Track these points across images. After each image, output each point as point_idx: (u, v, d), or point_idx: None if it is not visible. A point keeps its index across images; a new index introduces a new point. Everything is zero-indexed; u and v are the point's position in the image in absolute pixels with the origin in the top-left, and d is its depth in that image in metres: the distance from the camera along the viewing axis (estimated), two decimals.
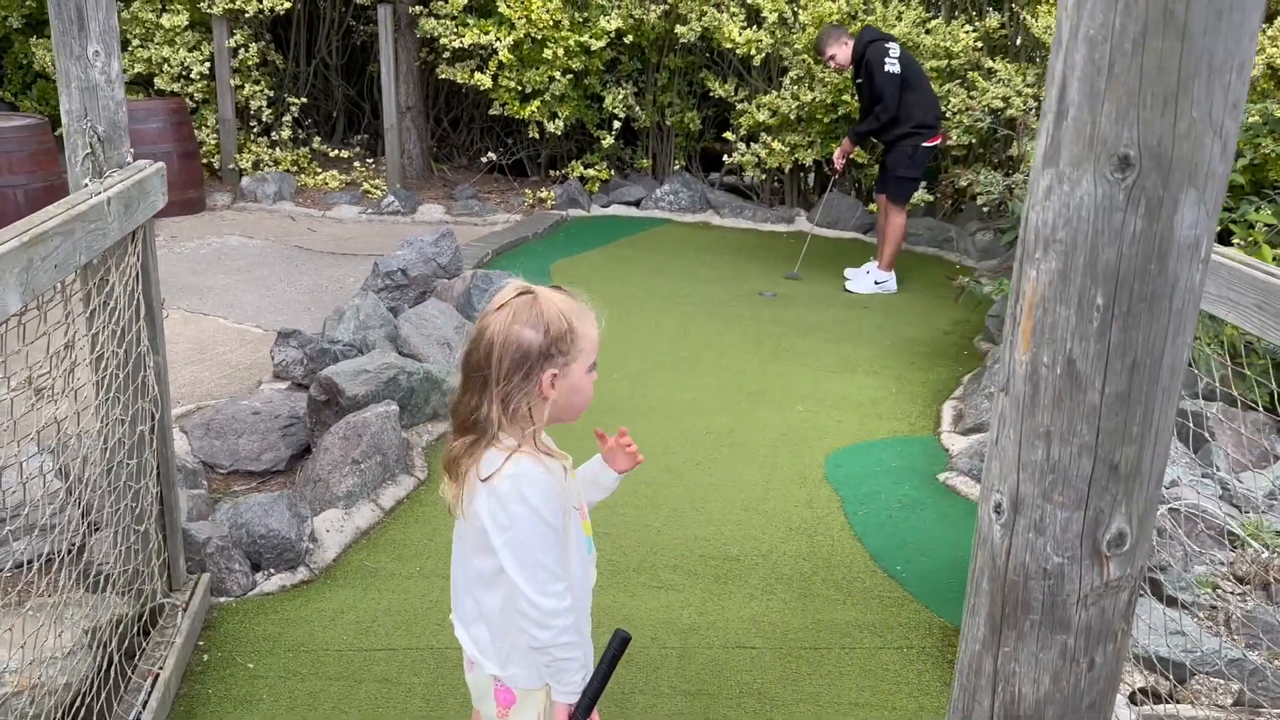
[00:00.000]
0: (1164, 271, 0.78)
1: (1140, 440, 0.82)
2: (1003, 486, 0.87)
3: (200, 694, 2.61)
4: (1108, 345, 0.80)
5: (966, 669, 0.94)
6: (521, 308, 1.63)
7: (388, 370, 4.06)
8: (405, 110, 8.76)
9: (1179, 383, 0.83)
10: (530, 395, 1.63)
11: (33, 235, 1.72)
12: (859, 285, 6.50)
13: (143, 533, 2.59)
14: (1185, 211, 0.77)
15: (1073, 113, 0.77)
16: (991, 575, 0.89)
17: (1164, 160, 0.75)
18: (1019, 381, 0.85)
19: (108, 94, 2.37)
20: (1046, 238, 0.81)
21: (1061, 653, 0.88)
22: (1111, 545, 0.84)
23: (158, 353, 2.60)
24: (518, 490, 1.60)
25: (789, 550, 3.45)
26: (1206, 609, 3.32)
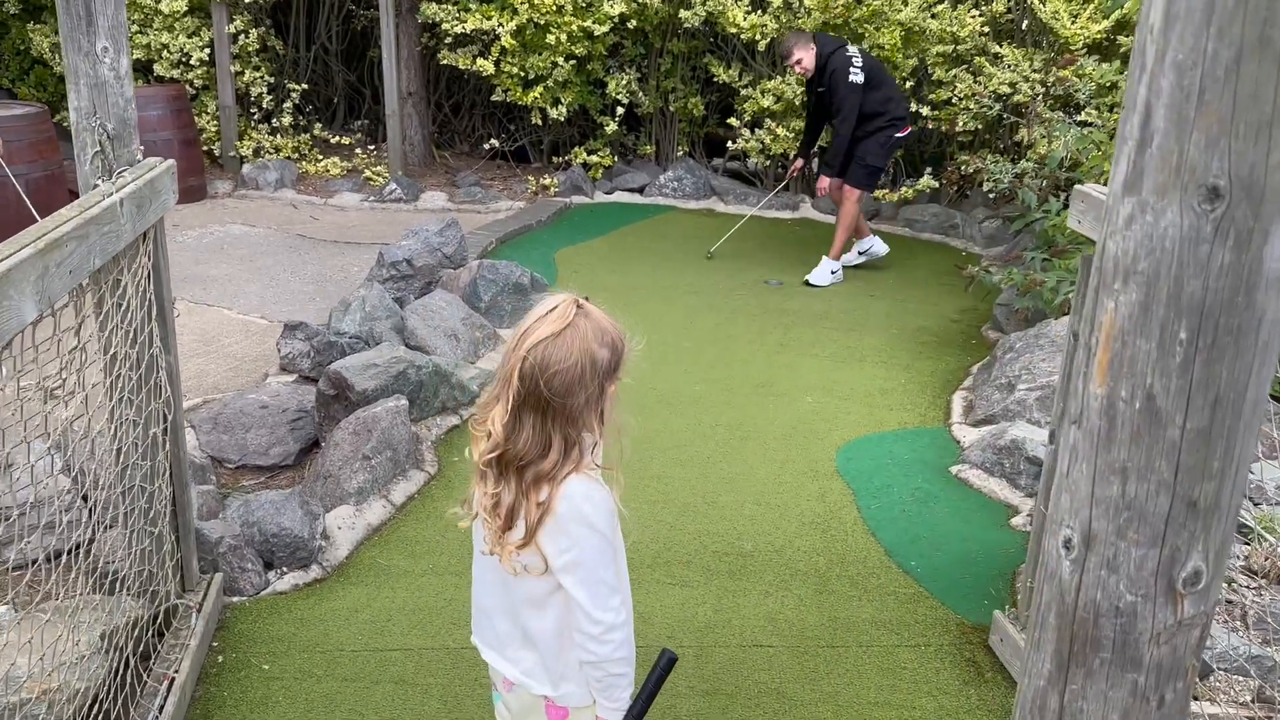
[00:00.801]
0: (1251, 305, 0.75)
1: (1220, 476, 0.79)
2: (1074, 522, 0.84)
3: (216, 696, 2.60)
4: (1190, 380, 0.77)
5: (1030, 705, 0.92)
6: (587, 323, 1.55)
7: (397, 364, 4.02)
8: (407, 96, 8.69)
9: (1260, 417, 0.80)
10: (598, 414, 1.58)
11: (47, 242, 1.69)
12: (819, 278, 6.42)
13: (156, 534, 2.56)
14: (1275, 243, 0.74)
15: (1158, 140, 0.74)
16: (1059, 611, 0.87)
17: (1255, 191, 0.72)
18: (1094, 415, 0.82)
19: (117, 91, 2.33)
20: (1127, 268, 0.78)
21: (1132, 691, 0.85)
22: (1187, 584, 0.82)
23: (169, 353, 2.57)
24: (576, 510, 1.55)
25: (803, 545, 3.43)
26: (1222, 603, 3.31)
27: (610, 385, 1.59)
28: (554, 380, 1.51)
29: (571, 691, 1.70)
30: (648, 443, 4.11)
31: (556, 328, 1.52)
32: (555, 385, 1.51)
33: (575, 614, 1.59)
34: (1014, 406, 4.31)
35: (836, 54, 6.09)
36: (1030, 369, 4.48)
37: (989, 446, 4.03)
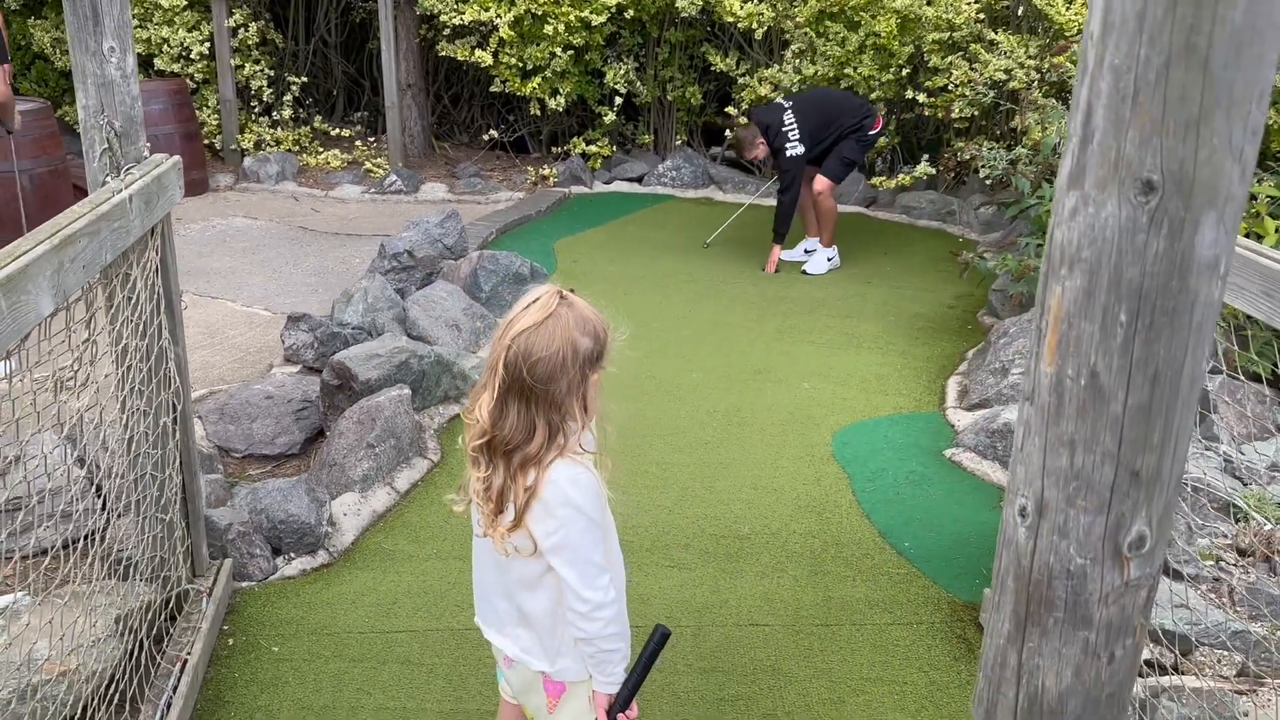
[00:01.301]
0: (1185, 288, 0.82)
1: (1160, 448, 0.86)
2: (1028, 491, 0.91)
3: (227, 677, 2.68)
4: (1130, 359, 0.83)
5: (992, 662, 0.99)
6: (566, 319, 1.60)
7: (399, 354, 4.09)
8: (406, 88, 8.73)
9: (1198, 393, 0.87)
10: (580, 400, 1.64)
11: (62, 238, 1.75)
12: (815, 267, 6.50)
13: (167, 521, 2.64)
14: (1205, 232, 0.80)
15: (1098, 138, 0.81)
16: (1016, 575, 0.94)
17: (1186, 184, 0.79)
18: (1044, 392, 0.88)
19: (123, 89, 2.39)
20: (1072, 256, 0.84)
21: (1083, 648, 0.92)
22: (1132, 547, 0.88)
23: (178, 344, 2.64)
24: (562, 494, 1.62)
25: (799, 528, 3.50)
26: (1209, 582, 3.38)
27: (593, 373, 1.65)
28: (536, 368, 1.57)
29: (568, 667, 1.77)
30: (647, 429, 4.18)
31: (539, 317, 1.58)
32: (538, 372, 1.57)
33: (565, 593, 1.66)
34: (1007, 391, 4.38)
35: (772, 128, 6.26)
36: (1024, 354, 4.54)
37: (982, 430, 4.10)
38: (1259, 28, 0.75)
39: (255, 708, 2.56)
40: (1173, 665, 2.95)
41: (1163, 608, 3.02)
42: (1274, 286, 1.82)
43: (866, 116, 6.37)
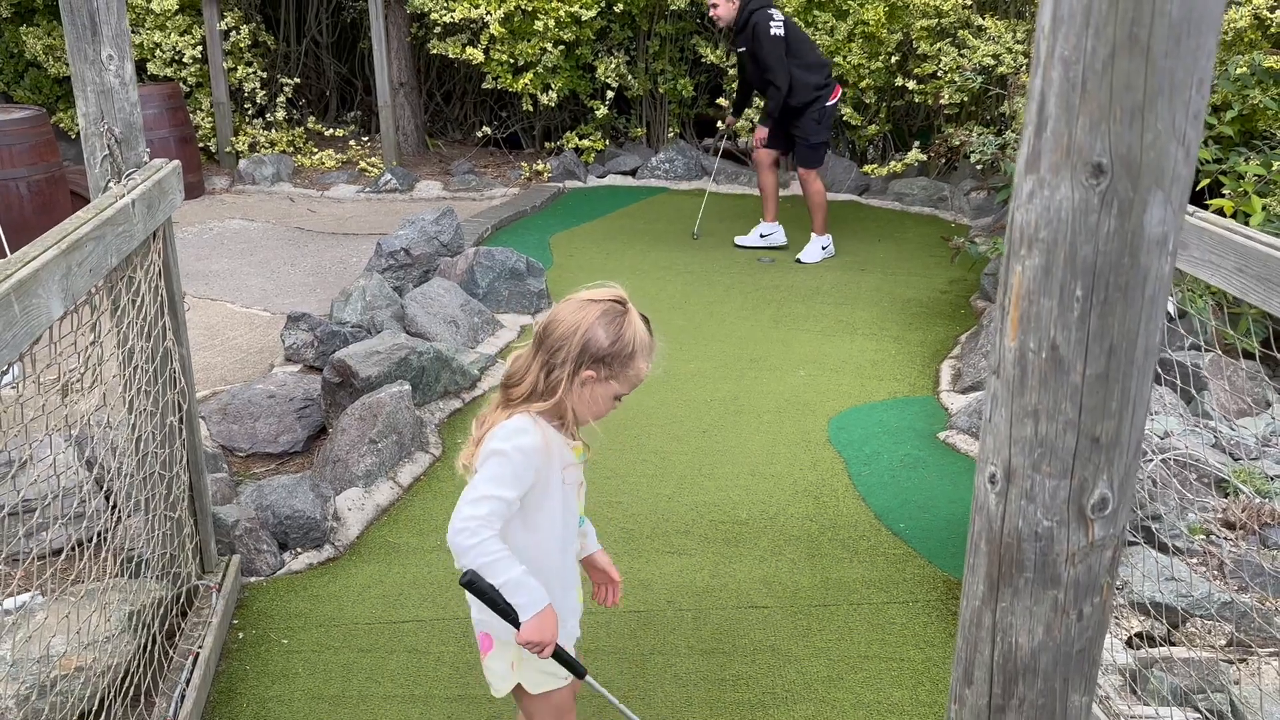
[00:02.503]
0: (1136, 264, 0.87)
1: (1119, 415, 0.91)
2: (997, 460, 0.97)
3: (239, 670, 2.73)
4: (1087, 332, 0.89)
5: (969, 622, 1.04)
6: (609, 308, 1.82)
7: (399, 351, 4.15)
8: (398, 87, 8.77)
9: (1153, 362, 0.92)
10: (568, 379, 1.80)
11: (69, 243, 1.81)
12: (809, 256, 6.52)
13: (176, 519, 2.70)
14: (1153, 211, 0.86)
15: (1051, 125, 0.86)
16: (989, 538, 0.99)
17: (1133, 167, 0.84)
18: (1009, 365, 0.94)
19: (123, 97, 2.44)
20: (1031, 236, 0.90)
21: (1053, 606, 0.98)
22: (1095, 509, 0.94)
23: (181, 345, 2.69)
24: (507, 437, 1.79)
25: (796, 512, 3.56)
26: (1200, 555, 3.44)
27: (587, 371, 1.80)
28: (554, 329, 1.82)
29: (489, 620, 1.83)
30: (645, 419, 4.24)
31: (584, 296, 1.85)
32: (552, 331, 1.83)
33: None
34: None
35: (759, 12, 6.12)
36: None
37: (976, 413, 4.15)
38: (1195, 20, 0.80)
39: (267, 698, 2.62)
40: (1164, 637, 3.01)
41: (1154, 581, 3.08)
42: (1246, 263, 1.88)
43: (825, 84, 6.28)
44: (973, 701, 1.05)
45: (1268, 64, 5.49)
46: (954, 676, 1.08)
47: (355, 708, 2.59)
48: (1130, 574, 3.18)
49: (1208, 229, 2.00)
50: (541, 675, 1.90)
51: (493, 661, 1.94)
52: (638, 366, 1.84)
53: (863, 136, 8.32)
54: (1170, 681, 2.69)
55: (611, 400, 1.87)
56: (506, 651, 1.90)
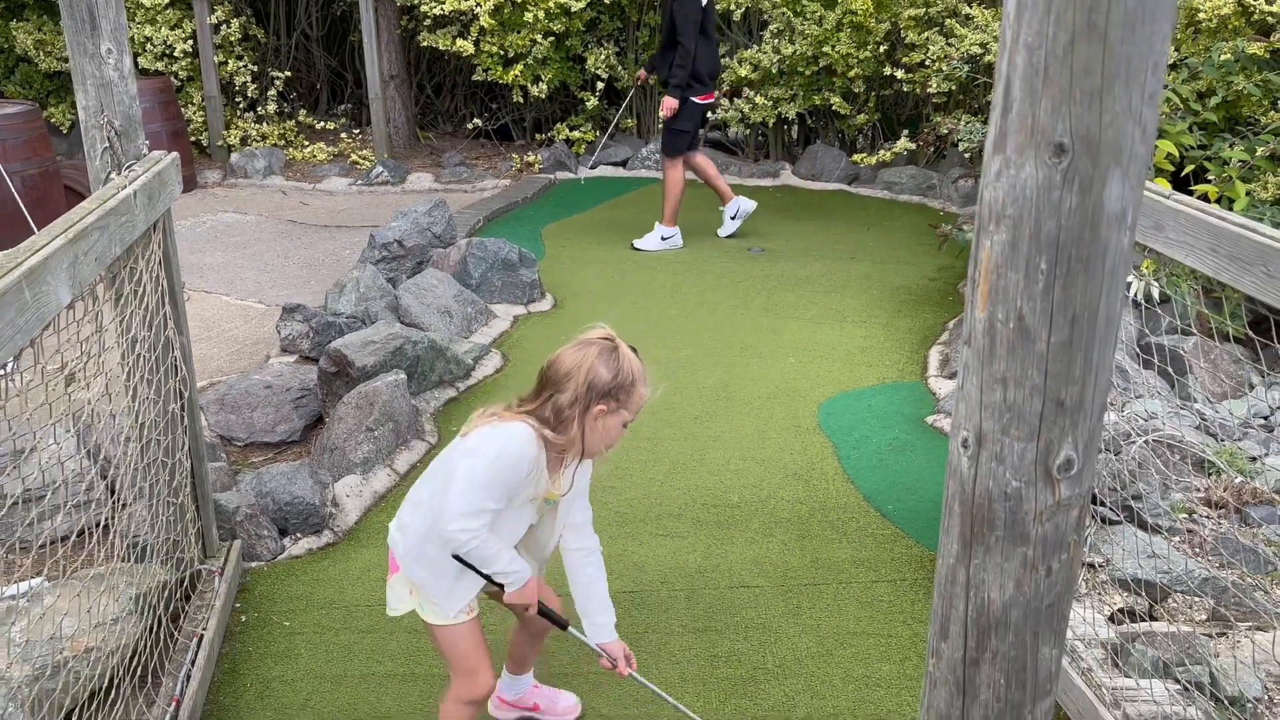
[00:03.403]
0: (1096, 238, 0.93)
1: (1082, 380, 0.97)
2: (968, 425, 1.02)
3: (242, 651, 2.79)
4: (1051, 303, 0.95)
5: (944, 580, 1.11)
6: (603, 346, 2.02)
7: (394, 340, 4.20)
8: (389, 79, 8.80)
9: (1114, 331, 0.98)
10: (580, 416, 2.00)
11: (75, 232, 1.85)
12: (648, 244, 6.46)
13: (179, 504, 2.75)
14: (1112, 187, 0.91)
15: (1016, 107, 0.92)
16: (961, 500, 1.05)
17: (1093, 146, 0.90)
18: (979, 336, 1.00)
19: (122, 89, 2.49)
20: (998, 213, 0.95)
21: (1022, 562, 1.04)
22: (1061, 470, 1.00)
23: (182, 334, 2.74)
24: (503, 443, 1.99)
25: (786, 495, 3.63)
26: (1182, 533, 3.52)
27: (599, 406, 2.00)
28: (558, 368, 2.03)
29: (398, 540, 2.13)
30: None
31: (580, 340, 2.06)
32: (556, 372, 2.03)
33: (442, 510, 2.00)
34: None
35: None
36: None
37: None
38: (1149, 7, 0.86)
39: (270, 678, 2.68)
40: (1146, 612, 3.08)
41: (1137, 559, 3.16)
42: (1219, 243, 1.94)
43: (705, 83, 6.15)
44: (949, 655, 1.11)
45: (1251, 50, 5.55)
46: (931, 632, 1.14)
47: (357, 686, 2.65)
48: (1113, 551, 3.25)
49: (1183, 211, 2.06)
50: (434, 609, 2.12)
51: (395, 584, 2.17)
52: (639, 392, 2.06)
53: (852, 126, 8.38)
54: (1151, 654, 2.77)
55: (621, 428, 2.08)
56: (408, 580, 2.14)
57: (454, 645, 2.13)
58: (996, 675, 1.08)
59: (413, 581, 2.11)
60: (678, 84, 6.16)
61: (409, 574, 2.11)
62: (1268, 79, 5.43)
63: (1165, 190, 2.16)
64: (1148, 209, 2.17)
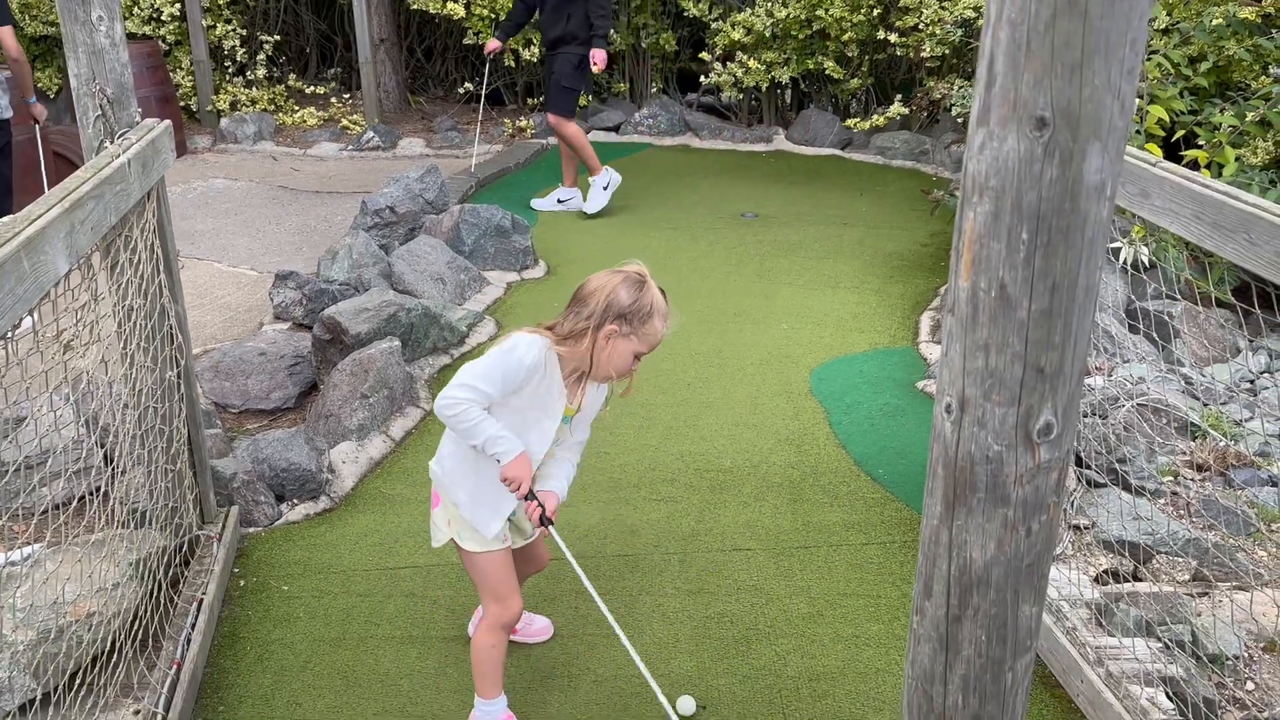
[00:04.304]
0: (1076, 209, 0.95)
1: (1062, 347, 1.00)
2: (952, 391, 1.06)
3: (241, 615, 2.83)
4: (1033, 271, 0.97)
5: (928, 540, 1.14)
6: (632, 277, 2.15)
7: (388, 307, 4.21)
8: (379, 43, 8.72)
9: (1094, 299, 1.01)
10: (592, 331, 2.13)
11: (71, 201, 1.87)
12: (594, 205, 6.40)
13: (177, 471, 2.78)
14: (1092, 160, 0.94)
15: (1000, 81, 0.94)
16: (945, 463, 1.09)
17: (1073, 120, 0.92)
18: (962, 304, 1.02)
19: (113, 57, 2.48)
20: (981, 185, 0.98)
21: (1003, 523, 1.07)
22: (1041, 434, 1.03)
23: (177, 302, 2.75)
24: (514, 343, 2.15)
25: (778, 460, 3.67)
26: (1167, 496, 3.58)
27: (611, 325, 2.12)
28: (585, 289, 2.18)
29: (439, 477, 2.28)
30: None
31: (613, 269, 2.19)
32: (582, 289, 2.19)
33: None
34: None
35: None
36: None
37: None
38: None
39: (270, 641, 2.73)
40: (1130, 573, 3.15)
41: (1122, 520, 3.21)
42: (1203, 210, 1.96)
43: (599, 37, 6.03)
44: (932, 613, 1.15)
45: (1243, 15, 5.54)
46: (915, 590, 1.18)
47: (355, 649, 2.70)
48: (1099, 514, 3.31)
49: (1168, 178, 2.09)
50: (471, 535, 2.27)
51: (437, 516, 2.33)
52: (654, 326, 2.16)
53: (845, 90, 8.34)
54: (1135, 614, 2.83)
55: (631, 357, 2.18)
56: (447, 510, 2.28)
57: (487, 573, 2.28)
58: (978, 632, 1.12)
59: (454, 505, 2.24)
60: (603, 34, 6.05)
61: (451, 498, 2.25)
62: (1259, 44, 5.43)
63: (1152, 157, 2.18)
64: (1134, 176, 2.19)
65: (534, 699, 2.53)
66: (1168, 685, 2.59)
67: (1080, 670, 2.57)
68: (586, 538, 3.18)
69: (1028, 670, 1.16)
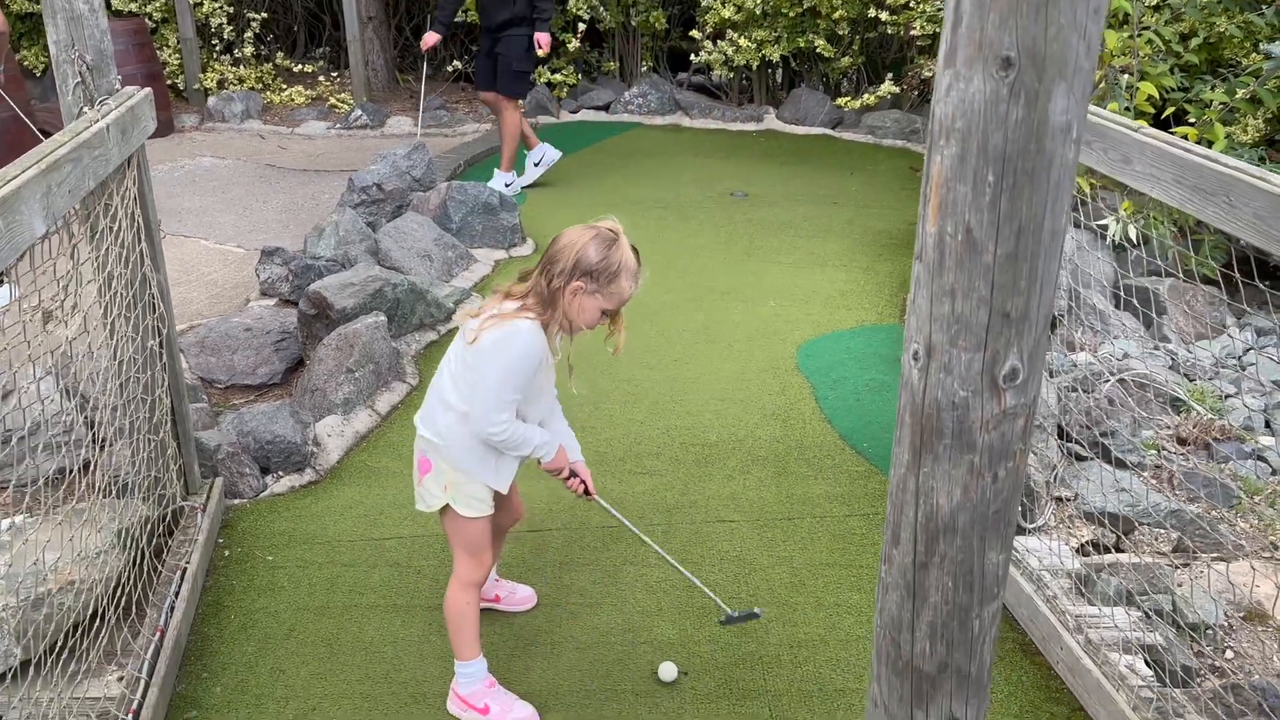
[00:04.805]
0: (1042, 151, 0.95)
1: (1027, 292, 1.00)
2: (919, 337, 1.06)
3: (225, 585, 2.84)
4: (999, 215, 0.97)
5: (896, 488, 1.15)
6: (603, 234, 2.16)
7: (373, 282, 4.20)
8: (367, 21, 8.66)
9: (1059, 244, 1.01)
10: (561, 288, 2.13)
11: (48, 163, 1.85)
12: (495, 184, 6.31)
13: (159, 441, 2.77)
14: (1057, 100, 0.94)
15: (966, 21, 0.93)
16: (912, 410, 1.09)
17: (1038, 60, 0.92)
18: (929, 249, 1.02)
19: (92, 23, 2.46)
20: (948, 128, 0.98)
21: (969, 469, 1.08)
22: (1006, 379, 1.03)
23: (159, 271, 2.74)
24: (508, 340, 2.14)
25: (764, 434, 3.68)
26: (1151, 469, 3.59)
27: (577, 281, 2.13)
28: (556, 245, 2.18)
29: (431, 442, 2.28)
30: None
31: (586, 225, 2.19)
32: (554, 244, 2.18)
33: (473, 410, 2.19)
34: None
35: None
36: None
37: None
38: None
39: (254, 610, 2.73)
40: (1112, 545, 3.16)
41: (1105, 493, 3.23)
42: (1183, 174, 1.97)
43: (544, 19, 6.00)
44: (900, 560, 1.16)
45: None
46: (885, 539, 1.18)
47: (339, 617, 2.70)
48: (1083, 486, 3.32)
49: (1149, 143, 2.09)
50: (471, 500, 2.29)
51: (430, 483, 2.32)
52: (621, 285, 2.17)
53: (836, 69, 8.32)
54: (1116, 584, 2.84)
55: (599, 313, 2.19)
56: (442, 477, 2.29)
57: (472, 534, 2.33)
58: (945, 579, 1.13)
59: (460, 471, 2.26)
60: (547, 18, 6.02)
61: (457, 465, 2.26)
62: (1249, 20, 5.42)
63: (1133, 124, 2.18)
64: (1116, 142, 2.19)
65: (516, 665, 2.54)
66: (1147, 653, 2.61)
67: (1060, 637, 2.59)
68: (571, 510, 3.18)
69: (995, 618, 1.17)
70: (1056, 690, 2.51)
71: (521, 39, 6.05)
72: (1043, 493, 3.22)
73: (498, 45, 6.11)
